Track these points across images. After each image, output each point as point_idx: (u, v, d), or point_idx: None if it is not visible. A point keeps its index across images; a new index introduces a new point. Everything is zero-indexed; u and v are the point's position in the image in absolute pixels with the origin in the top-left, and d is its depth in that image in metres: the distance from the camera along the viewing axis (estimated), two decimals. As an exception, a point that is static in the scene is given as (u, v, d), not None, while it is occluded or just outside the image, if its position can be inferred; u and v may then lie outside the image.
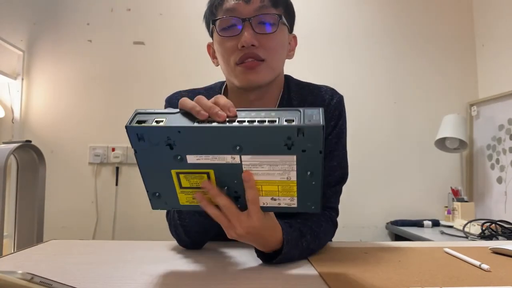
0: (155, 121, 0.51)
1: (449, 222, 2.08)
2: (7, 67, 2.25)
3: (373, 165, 2.27)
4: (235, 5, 0.75)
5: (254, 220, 0.56)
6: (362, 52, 2.36)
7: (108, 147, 2.25)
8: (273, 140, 0.50)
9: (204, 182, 0.55)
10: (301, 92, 0.86)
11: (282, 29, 0.79)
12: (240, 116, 0.51)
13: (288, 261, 0.65)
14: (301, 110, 0.50)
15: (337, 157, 0.84)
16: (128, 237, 2.18)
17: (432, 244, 0.84)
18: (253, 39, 0.74)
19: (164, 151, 0.52)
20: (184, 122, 0.51)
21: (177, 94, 0.91)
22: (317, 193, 0.54)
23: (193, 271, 0.61)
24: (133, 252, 0.75)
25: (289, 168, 0.52)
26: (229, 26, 0.77)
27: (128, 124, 0.51)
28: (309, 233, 0.70)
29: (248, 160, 0.52)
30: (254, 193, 0.54)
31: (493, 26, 2.25)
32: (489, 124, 2.19)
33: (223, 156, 0.52)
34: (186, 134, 0.50)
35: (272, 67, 0.78)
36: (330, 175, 0.83)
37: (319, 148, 0.50)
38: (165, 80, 2.30)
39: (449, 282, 0.54)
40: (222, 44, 0.78)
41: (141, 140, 0.51)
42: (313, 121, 0.48)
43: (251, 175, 0.53)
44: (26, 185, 1.74)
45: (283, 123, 0.49)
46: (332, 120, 0.84)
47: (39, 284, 0.36)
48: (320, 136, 0.48)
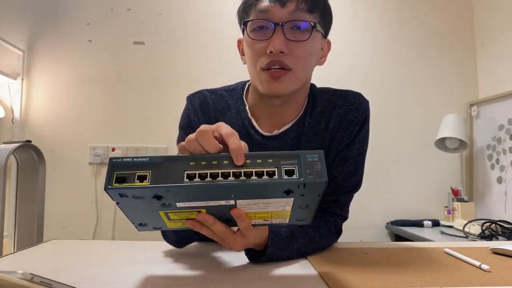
0: (138, 176, 0.45)
1: (449, 222, 2.08)
2: (7, 67, 2.25)
3: (373, 165, 2.26)
4: (269, 7, 0.72)
5: (249, 238, 0.60)
6: (362, 52, 2.37)
7: (108, 147, 2.25)
8: (272, 191, 0.47)
9: (198, 215, 0.53)
10: (326, 97, 0.83)
11: (315, 36, 0.75)
12: (235, 166, 0.46)
13: (276, 260, 0.66)
14: (300, 155, 0.46)
15: (356, 162, 0.82)
16: (128, 237, 2.18)
17: (432, 244, 0.84)
18: (283, 45, 0.70)
19: (152, 201, 0.47)
20: (173, 177, 0.45)
21: (199, 93, 0.87)
22: (310, 215, 0.55)
23: (192, 272, 0.61)
24: (133, 252, 0.75)
25: (285, 205, 0.51)
26: (260, 27, 0.73)
27: (108, 186, 0.44)
28: (302, 236, 0.70)
29: (244, 202, 0.50)
30: (246, 223, 0.55)
31: (493, 26, 2.25)
32: (489, 124, 2.19)
33: (217, 201, 0.49)
34: (176, 191, 0.45)
35: (298, 77, 0.75)
36: (345, 180, 0.81)
37: (318, 193, 0.48)
38: (165, 80, 2.30)
39: (449, 282, 0.54)
40: (251, 45, 0.75)
41: (124, 197, 0.46)
42: (314, 172, 0.45)
43: (242, 213, 0.52)
44: (26, 185, 1.74)
45: (283, 176, 0.45)
46: (358, 125, 0.81)
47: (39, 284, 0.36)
48: (322, 188, 0.46)
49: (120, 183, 0.45)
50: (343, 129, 0.81)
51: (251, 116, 0.82)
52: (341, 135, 0.81)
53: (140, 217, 0.54)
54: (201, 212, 0.53)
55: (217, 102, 0.85)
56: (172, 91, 2.27)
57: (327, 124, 0.81)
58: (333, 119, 0.81)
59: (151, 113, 2.28)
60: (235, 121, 0.83)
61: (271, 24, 0.72)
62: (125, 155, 2.22)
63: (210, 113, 0.84)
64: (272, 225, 0.61)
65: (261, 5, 0.73)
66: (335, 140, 0.81)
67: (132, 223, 0.56)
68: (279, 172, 0.45)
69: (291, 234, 0.69)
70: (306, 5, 0.72)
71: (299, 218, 0.57)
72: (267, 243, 0.65)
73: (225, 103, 0.85)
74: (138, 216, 0.53)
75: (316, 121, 0.82)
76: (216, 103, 0.85)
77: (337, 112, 0.81)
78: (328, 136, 0.81)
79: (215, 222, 0.54)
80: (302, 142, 0.81)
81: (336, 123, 0.81)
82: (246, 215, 0.54)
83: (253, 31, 0.74)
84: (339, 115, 0.81)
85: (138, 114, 2.28)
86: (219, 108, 0.85)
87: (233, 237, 0.58)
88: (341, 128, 0.81)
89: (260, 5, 0.73)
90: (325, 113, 0.82)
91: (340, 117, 0.81)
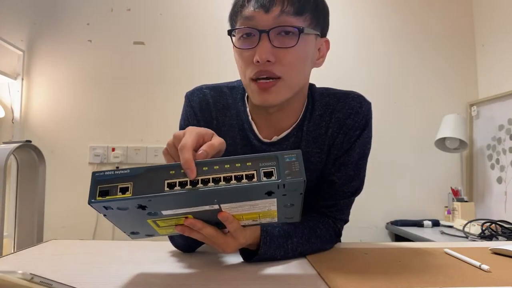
0: (120, 188, 0.46)
1: (449, 222, 2.08)
2: (7, 67, 2.25)
3: (373, 165, 2.25)
4: (254, 13, 0.68)
5: (240, 239, 0.60)
6: (362, 52, 2.37)
7: (108, 147, 2.25)
8: (253, 193, 0.48)
9: (186, 221, 0.53)
10: (327, 100, 0.80)
11: (305, 40, 0.71)
12: (214, 172, 0.47)
13: (270, 260, 0.67)
14: (278, 156, 0.47)
15: (357, 167, 0.80)
16: (128, 237, 2.18)
17: (432, 245, 0.84)
18: (269, 54, 0.67)
19: (137, 211, 0.49)
20: (154, 187, 0.46)
21: (198, 91, 0.84)
22: (297, 212, 0.56)
23: (192, 272, 0.61)
24: (133, 253, 0.75)
25: (269, 205, 0.52)
26: (247, 35, 0.71)
27: (92, 200, 0.46)
28: (298, 236, 0.70)
29: (228, 206, 0.51)
30: (235, 225, 0.56)
31: (493, 26, 2.25)
32: (489, 124, 2.19)
33: (201, 206, 0.50)
34: (158, 200, 0.47)
35: (289, 85, 0.71)
36: (345, 184, 0.79)
37: (300, 192, 0.48)
38: (165, 80, 2.30)
39: (449, 282, 0.54)
40: (239, 54, 0.73)
41: (109, 209, 0.47)
42: (293, 173, 0.46)
43: (228, 215, 0.53)
44: (26, 185, 1.74)
45: (261, 179, 0.46)
46: (357, 130, 0.78)
47: (39, 284, 0.36)
48: (301, 187, 0.47)
49: (103, 196, 0.46)
50: (342, 135, 0.78)
51: (251, 120, 0.79)
52: (340, 141, 0.79)
53: (130, 227, 0.55)
54: (188, 218, 0.53)
55: (217, 100, 0.82)
56: (172, 91, 2.27)
57: (327, 129, 0.79)
58: (332, 124, 0.79)
59: (151, 113, 2.28)
60: (235, 123, 0.81)
61: (256, 31, 0.68)
62: (125, 155, 2.23)
63: (211, 112, 0.82)
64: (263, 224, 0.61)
65: (245, 12, 0.70)
66: (334, 146, 0.79)
67: (124, 233, 0.57)
68: (258, 175, 0.46)
69: (285, 234, 0.68)
70: (292, 8, 0.68)
71: (287, 216, 0.57)
72: (260, 243, 0.65)
73: (226, 101, 0.82)
74: (128, 226, 0.54)
75: (315, 125, 0.79)
76: (216, 101, 0.82)
77: (336, 117, 0.79)
78: (328, 141, 0.79)
79: (203, 226, 0.55)
80: (301, 148, 0.79)
81: (335, 128, 0.79)
82: (234, 218, 0.54)
83: (240, 39, 0.72)
84: (338, 120, 0.79)
85: (138, 114, 2.28)
86: (220, 107, 0.82)
87: (224, 239, 0.58)
88: (340, 134, 0.78)
89: (244, 12, 0.70)
90: (324, 117, 0.80)
91: (339, 121, 0.79)
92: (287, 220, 0.59)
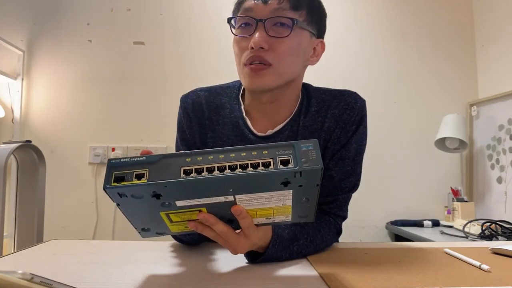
0: (136, 175, 0.46)
1: (449, 222, 2.08)
2: (7, 67, 2.25)
3: (373, 165, 2.26)
4: (253, 5, 0.75)
5: (252, 239, 0.59)
6: (362, 52, 2.37)
7: (108, 147, 2.25)
8: (269, 182, 0.47)
9: (199, 215, 0.53)
10: (323, 97, 0.84)
11: (299, 33, 0.75)
12: (230, 160, 0.46)
13: (274, 261, 0.67)
14: (295, 145, 0.47)
15: (353, 162, 0.82)
16: (128, 237, 2.18)
17: (432, 244, 0.84)
18: (263, 41, 0.72)
19: (151, 200, 0.48)
20: (170, 173, 0.46)
21: (193, 93, 0.88)
22: (311, 210, 0.55)
23: (193, 272, 0.61)
24: (133, 252, 0.75)
25: (284, 198, 0.51)
26: (245, 24, 0.76)
27: (107, 186, 0.45)
28: (304, 238, 0.70)
29: (242, 197, 0.50)
30: (248, 221, 0.55)
31: (493, 26, 2.25)
32: (489, 124, 2.19)
33: (216, 197, 0.49)
34: (174, 187, 0.46)
35: (280, 72, 0.75)
36: (343, 180, 0.81)
37: (316, 182, 0.48)
38: (165, 80, 2.30)
39: (449, 282, 0.54)
40: (236, 42, 0.78)
41: (123, 196, 0.47)
42: (310, 160, 0.46)
43: (242, 209, 0.52)
44: (26, 185, 1.74)
45: (278, 166, 0.46)
46: (354, 125, 0.81)
47: (39, 284, 0.36)
48: (318, 176, 0.46)
49: (118, 182, 0.45)
50: (339, 129, 0.81)
51: (245, 116, 0.83)
52: (337, 135, 0.81)
53: (142, 221, 0.54)
54: (202, 212, 0.53)
55: (211, 101, 0.86)
56: (172, 91, 2.26)
57: (322, 124, 0.82)
58: (328, 119, 0.81)
59: (151, 113, 2.28)
60: (229, 120, 0.84)
61: (254, 20, 0.74)
62: (125, 155, 2.23)
63: (204, 113, 0.85)
64: (275, 224, 0.60)
65: (246, 4, 0.76)
66: (331, 141, 0.81)
67: (135, 229, 0.56)
68: (275, 163, 0.46)
69: (293, 236, 0.69)
70: (289, 3, 0.74)
71: (301, 215, 0.57)
72: (267, 245, 0.65)
73: (219, 101, 0.86)
74: (140, 220, 0.53)
75: (311, 121, 0.82)
76: (210, 101, 0.86)
77: (332, 112, 0.82)
78: (324, 136, 0.81)
79: (216, 222, 0.54)
80: None
81: (332, 123, 0.81)
82: (247, 213, 0.54)
83: (238, 28, 0.78)
84: (334, 115, 0.81)
85: (138, 114, 2.28)
86: (213, 107, 0.85)
87: (236, 238, 0.57)
88: (337, 128, 0.81)
89: (245, 4, 0.76)
90: (320, 113, 0.82)
91: (335, 117, 0.81)
92: (301, 219, 0.58)
